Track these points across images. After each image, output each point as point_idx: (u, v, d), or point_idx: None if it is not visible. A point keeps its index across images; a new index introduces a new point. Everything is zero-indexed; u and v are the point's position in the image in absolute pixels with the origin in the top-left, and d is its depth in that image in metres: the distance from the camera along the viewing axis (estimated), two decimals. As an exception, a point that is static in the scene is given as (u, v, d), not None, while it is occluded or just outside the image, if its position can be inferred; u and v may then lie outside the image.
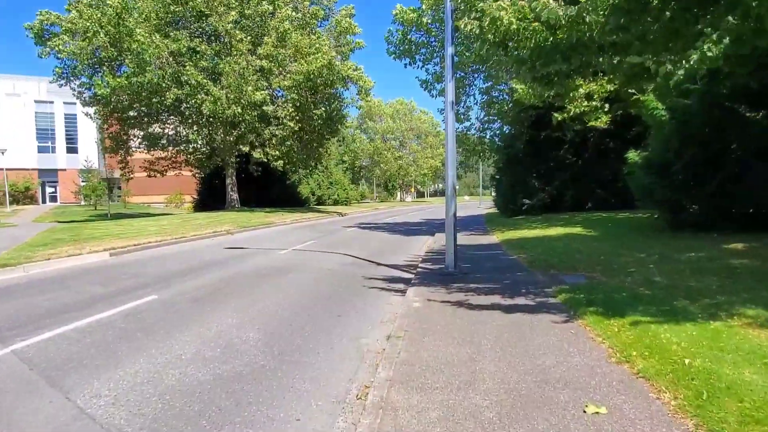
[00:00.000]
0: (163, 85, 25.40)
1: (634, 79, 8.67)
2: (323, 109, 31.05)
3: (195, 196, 41.85)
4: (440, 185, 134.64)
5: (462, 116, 20.11)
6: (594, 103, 15.79)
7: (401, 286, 8.92)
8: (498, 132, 26.28)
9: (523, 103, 20.34)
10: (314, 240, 17.88)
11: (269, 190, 40.59)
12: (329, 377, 4.62)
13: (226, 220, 24.32)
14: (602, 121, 15.85)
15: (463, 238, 16.54)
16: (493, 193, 44.87)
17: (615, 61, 7.57)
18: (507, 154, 26.95)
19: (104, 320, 6.71)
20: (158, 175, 34.30)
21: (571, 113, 16.21)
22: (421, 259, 12.28)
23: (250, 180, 38.15)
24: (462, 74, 19.12)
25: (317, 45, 28.68)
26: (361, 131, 79.05)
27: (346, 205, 52.90)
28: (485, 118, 21.41)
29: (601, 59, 7.49)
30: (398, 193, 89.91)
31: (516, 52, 7.91)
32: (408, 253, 14.15)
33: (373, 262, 12.28)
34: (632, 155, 13.98)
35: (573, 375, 4.01)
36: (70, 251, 13.43)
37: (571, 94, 15.51)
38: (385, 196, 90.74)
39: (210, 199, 38.52)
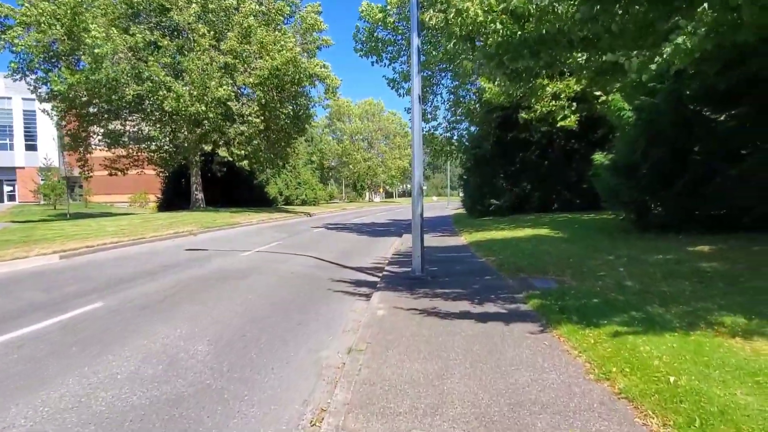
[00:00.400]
0: (122, 81, 24.31)
1: (603, 75, 8.46)
2: (290, 107, 30.37)
3: (159, 196, 40.52)
4: (408, 186, 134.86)
5: (429, 116, 19.83)
6: (561, 102, 15.66)
7: (366, 290, 8.50)
8: (465, 132, 26.13)
9: (491, 103, 20.19)
10: (279, 241, 17.30)
11: (236, 190, 39.65)
12: (282, 399, 4.15)
13: (189, 220, 23.46)
14: (570, 121, 15.77)
15: (431, 240, 16.22)
16: (461, 194, 44.94)
17: (584, 58, 7.31)
18: (474, 155, 26.83)
19: (39, 332, 6.10)
20: (119, 173, 33.00)
21: (538, 113, 16.05)
22: (387, 261, 11.88)
23: (217, 180, 37.19)
24: (429, 73, 18.83)
25: (282, 41, 28.00)
26: (329, 132, 78.31)
27: (314, 205, 52.17)
28: (452, 119, 21.17)
29: (569, 55, 7.20)
30: (367, 194, 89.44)
31: (484, 47, 7.59)
32: (375, 255, 13.74)
33: (338, 264, 11.82)
34: (598, 157, 13.89)
35: (549, 396, 3.65)
36: (16, 253, 12.57)
37: (538, 93, 15.37)
38: (353, 197, 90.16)
39: (175, 198, 37.35)
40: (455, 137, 22.32)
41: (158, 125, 28.09)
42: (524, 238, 14.48)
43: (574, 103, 16.38)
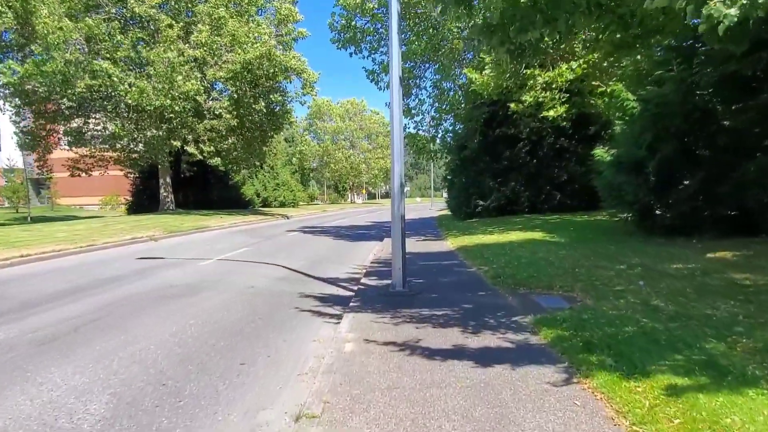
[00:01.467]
0: (71, 72, 22.43)
1: (622, 48, 7.06)
2: (264, 103, 28.68)
3: (129, 198, 38.47)
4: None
5: (413, 111, 18.40)
6: (552, 93, 14.35)
7: (337, 310, 7.03)
8: (450, 131, 24.74)
9: (477, 96, 18.83)
10: (248, 247, 15.75)
11: (210, 191, 37.91)
12: None
13: (153, 224, 21.72)
14: (557, 111, 14.42)
15: (415, 244, 14.80)
16: (445, 195, 43.59)
17: (606, 23, 5.91)
18: (460, 154, 25.49)
19: None
20: (83, 174, 31.03)
21: (527, 103, 14.68)
22: (365, 271, 10.41)
23: (189, 180, 35.40)
24: (412, 64, 17.41)
25: (256, 33, 26.35)
26: (309, 132, 76.53)
27: (293, 207, 50.44)
28: (437, 115, 19.78)
29: (591, 19, 5.79)
30: (349, 195, 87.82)
31: (484, 14, 6.15)
32: (352, 262, 12.27)
33: (308, 275, 10.33)
34: (599, 152, 12.60)
35: None
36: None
37: (529, 83, 14.04)
38: (335, 198, 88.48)
39: (145, 201, 35.49)
40: (439, 135, 20.93)
41: (120, 121, 26.14)
42: (517, 242, 13.12)
43: (566, 95, 15.07)
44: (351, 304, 7.00)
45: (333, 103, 76.08)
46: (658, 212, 11.43)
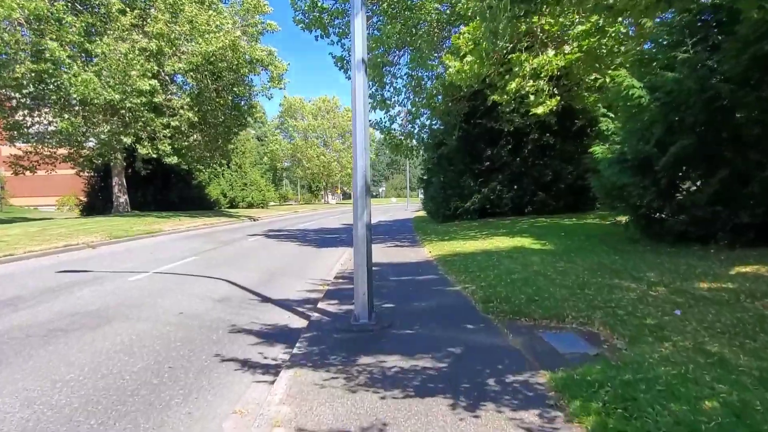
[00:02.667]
0: (11, 55, 20.08)
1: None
2: (228, 97, 26.58)
3: (83, 199, 35.83)
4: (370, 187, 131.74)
5: (388, 102, 16.57)
6: (540, 83, 12.64)
7: (278, 353, 5.28)
8: (427, 127, 22.99)
9: (456, 87, 17.13)
10: (198, 255, 13.80)
11: (171, 191, 35.58)
12: None
13: (99, 228, 19.51)
14: (546, 107, 12.69)
15: (387, 252, 13.06)
16: (421, 195, 41.97)
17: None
18: (437, 152, 23.82)
19: None
20: (26, 172, 28.47)
21: (511, 92, 12.90)
22: (327, 288, 8.63)
23: (148, 180, 33.04)
24: (385, 50, 15.57)
25: (217, 22, 24.24)
26: (281, 130, 74.08)
27: (262, 207, 48.16)
28: (413, 109, 17.97)
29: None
30: (323, 195, 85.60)
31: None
32: (313, 275, 10.47)
33: (257, 295, 8.49)
34: (599, 149, 10.97)
35: None
36: None
37: (514, 69, 12.36)
38: (309, 198, 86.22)
39: (99, 202, 33.13)
40: (416, 130, 19.15)
41: (65, 114, 23.69)
42: (504, 251, 11.44)
43: (555, 88, 13.36)
44: (297, 346, 5.17)
45: (306, 101, 73.87)
46: (668, 216, 9.87)
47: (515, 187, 21.41)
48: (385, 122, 17.50)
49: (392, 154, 19.17)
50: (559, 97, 13.24)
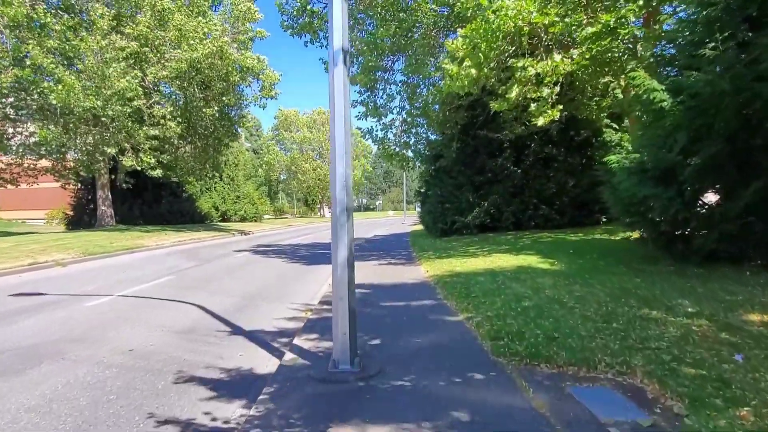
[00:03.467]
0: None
1: None
2: (217, 107, 25.51)
3: (69, 213, 34.57)
4: (364, 200, 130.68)
5: (380, 109, 15.48)
6: (544, 90, 11.54)
7: (230, 413, 4.19)
8: (423, 138, 21.93)
9: (455, 96, 16.12)
10: (174, 274, 12.66)
11: (160, 204, 34.38)
12: None
13: (76, 243, 18.32)
14: (547, 116, 11.55)
15: (380, 271, 11.93)
16: (418, 208, 40.78)
17: None
18: (435, 164, 22.76)
19: None
20: (8, 186, 27.31)
21: (512, 100, 11.73)
22: (309, 316, 7.50)
23: (137, 193, 31.89)
24: (376, 54, 14.49)
25: (206, 29, 23.23)
26: (276, 141, 73.00)
27: (256, 221, 46.93)
28: (409, 119, 16.87)
29: None
30: (319, 208, 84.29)
31: None
32: (297, 298, 9.34)
33: (227, 324, 7.35)
34: (614, 157, 9.87)
35: None
36: None
37: (517, 75, 11.29)
38: (305, 211, 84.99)
39: (87, 215, 31.89)
40: (412, 141, 18.02)
41: (46, 124, 22.55)
42: (510, 271, 10.31)
43: (557, 96, 12.23)
44: (256, 406, 4.02)
45: (300, 114, 72.95)
46: (694, 232, 8.77)
47: (516, 200, 20.32)
48: (378, 131, 16.38)
49: (387, 163, 18.05)
50: (561, 107, 12.14)
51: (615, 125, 23.98)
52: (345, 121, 4.86)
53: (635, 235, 15.00)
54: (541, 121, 11.50)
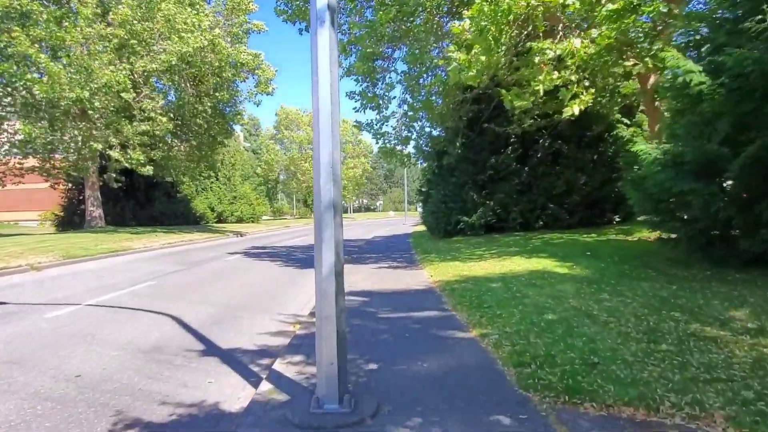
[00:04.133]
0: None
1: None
2: (210, 103, 24.44)
3: (59, 213, 33.50)
4: (365, 200, 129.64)
5: (379, 99, 14.38)
6: (566, 73, 10.38)
7: None
8: (426, 135, 20.79)
9: (458, 86, 15.03)
10: (156, 280, 11.63)
11: (153, 205, 33.33)
12: None
13: (57, 246, 17.26)
14: (582, 102, 10.28)
15: (380, 275, 10.92)
16: (419, 209, 39.70)
17: None
18: (438, 162, 21.68)
19: None
20: (-7, 186, 26.26)
21: (542, 87, 10.39)
22: (296, 331, 6.48)
23: (128, 193, 30.91)
24: (374, 38, 13.38)
25: (196, 20, 22.15)
26: (276, 141, 71.85)
27: (253, 222, 45.84)
28: (410, 113, 15.75)
29: None
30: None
31: None
32: (285, 308, 8.32)
33: (201, 341, 6.32)
34: (644, 147, 8.79)
35: None
36: None
37: (536, 59, 10.18)
38: (305, 212, 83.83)
39: (77, 216, 30.82)
40: (413, 135, 16.89)
41: (31, 120, 21.50)
42: (524, 276, 9.26)
43: (586, 79, 11.04)
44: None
45: (302, 113, 71.75)
46: (742, 233, 7.72)
47: (524, 199, 19.24)
48: (376, 124, 15.16)
49: (385, 161, 16.89)
50: (593, 90, 10.95)
51: (626, 120, 22.98)
52: (332, 93, 3.82)
53: (653, 235, 14.00)
54: (573, 110, 10.18)
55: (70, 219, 31.01)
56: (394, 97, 15.85)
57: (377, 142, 15.38)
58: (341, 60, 14.66)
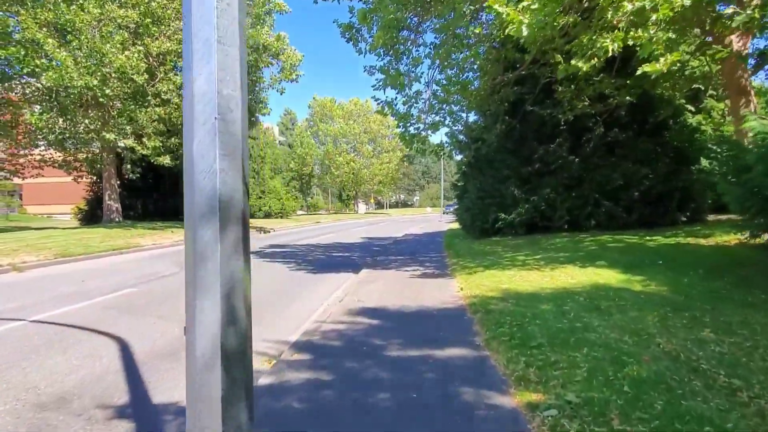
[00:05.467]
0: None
1: None
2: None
3: (83, 207, 32.80)
4: (402, 195, 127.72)
5: (405, 78, 12.20)
6: (652, 33, 7.95)
7: None
8: (460, 120, 18.33)
9: (499, 64, 12.85)
10: (141, 286, 10.08)
11: (177, 199, 32.21)
12: None
13: (56, 243, 15.92)
14: (667, 62, 7.88)
15: (401, 284, 8.99)
16: (454, 204, 37.45)
17: None
18: (474, 152, 19.48)
19: None
20: (13, 178, 25.57)
21: (604, 50, 8.08)
22: (268, 368, 4.64)
23: (151, 186, 29.87)
24: (398, 4, 11.25)
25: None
26: (312, 134, 70.45)
27: (281, 217, 44.42)
28: (439, 93, 13.52)
29: None
30: (354, 204, 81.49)
31: None
32: (274, 328, 6.51)
33: (135, 384, 4.62)
34: (757, 123, 6.49)
35: None
36: None
37: (607, 15, 7.91)
38: (340, 207, 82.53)
39: (98, 210, 29.95)
40: (447, 120, 14.61)
41: (43, 107, 20.40)
42: (583, 293, 7.12)
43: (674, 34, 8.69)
44: None
45: (337, 102, 70.14)
46: None
47: (573, 194, 16.87)
48: (398, 104, 12.91)
49: (407, 148, 14.62)
50: (681, 50, 8.58)
51: (691, 107, 20.23)
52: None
53: (736, 239, 11.56)
54: (661, 64, 7.79)
55: (93, 213, 30.17)
56: (422, 73, 13.58)
57: (398, 126, 13.23)
58: (363, 33, 12.63)
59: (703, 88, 18.99)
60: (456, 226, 26.89)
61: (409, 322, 6.35)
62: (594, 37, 8.46)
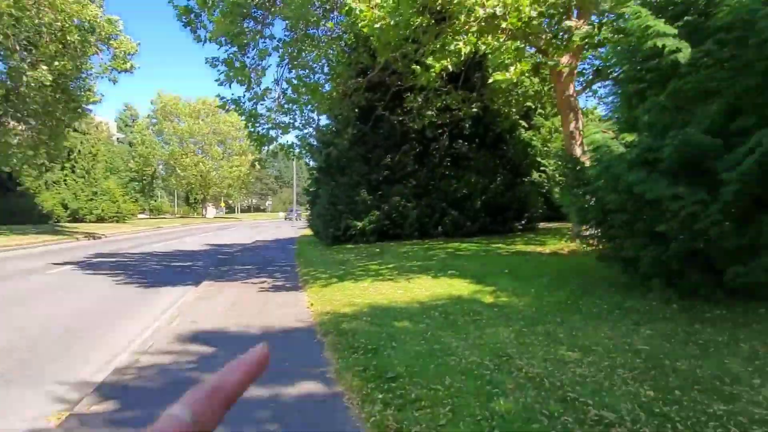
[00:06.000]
0: None
1: None
2: (49, 76, 19.60)
3: None
4: (254, 200, 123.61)
5: (251, 71, 11.09)
6: (499, 37, 7.98)
7: None
8: (312, 122, 17.73)
9: (349, 69, 12.43)
10: None
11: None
12: None
13: None
14: (516, 72, 7.88)
15: (245, 300, 8.02)
16: (291, 214, 36.62)
17: None
18: (325, 156, 18.91)
19: None
20: None
21: (458, 52, 7.90)
22: (55, 424, 3.44)
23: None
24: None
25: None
26: (154, 132, 64.76)
27: (118, 221, 39.92)
28: (293, 94, 12.72)
29: None
30: (202, 208, 76.57)
31: None
32: (76, 366, 5.26)
33: None
34: (602, 138, 6.63)
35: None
36: None
37: (461, 17, 7.76)
38: (187, 211, 77.05)
39: None
40: (297, 122, 13.83)
41: None
42: (437, 307, 6.80)
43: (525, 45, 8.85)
44: None
45: (183, 100, 65.33)
46: (727, 255, 5.77)
47: (422, 203, 17.09)
48: (246, 102, 11.80)
49: (256, 150, 13.59)
50: (530, 57, 8.77)
51: (524, 123, 21.85)
52: None
53: (568, 247, 12.33)
54: (510, 74, 7.73)
55: None
56: (269, 66, 12.69)
57: (246, 126, 12.15)
58: (201, 17, 11.31)
59: (533, 107, 20.66)
60: (308, 232, 26.12)
61: (243, 347, 5.45)
62: (449, 38, 8.32)
